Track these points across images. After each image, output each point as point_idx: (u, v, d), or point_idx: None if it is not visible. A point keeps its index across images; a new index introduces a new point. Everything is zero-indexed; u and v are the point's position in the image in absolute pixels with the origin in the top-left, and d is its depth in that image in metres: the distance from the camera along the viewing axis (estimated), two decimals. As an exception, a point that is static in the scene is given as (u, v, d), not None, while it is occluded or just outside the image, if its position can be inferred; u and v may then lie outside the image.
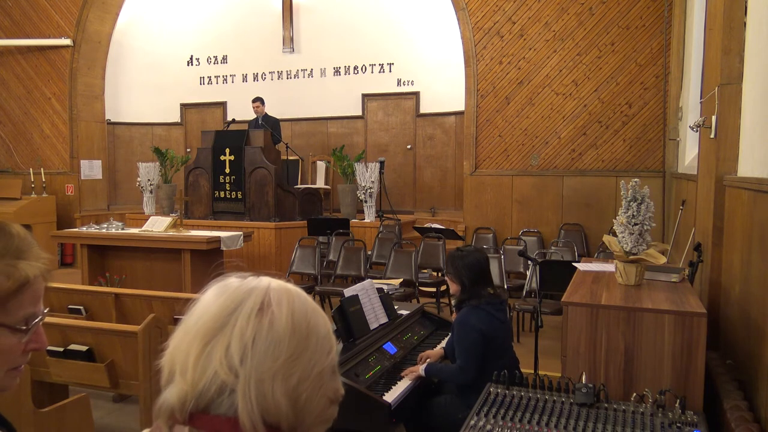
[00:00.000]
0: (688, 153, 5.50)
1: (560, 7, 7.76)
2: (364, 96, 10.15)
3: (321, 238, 7.46)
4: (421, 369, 3.19)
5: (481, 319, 3.07)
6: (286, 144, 9.24)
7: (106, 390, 3.65)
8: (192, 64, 11.11)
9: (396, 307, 3.85)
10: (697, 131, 3.62)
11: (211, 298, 0.84)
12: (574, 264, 3.43)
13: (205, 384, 0.79)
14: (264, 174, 8.15)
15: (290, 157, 9.37)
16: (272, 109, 9.50)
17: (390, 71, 9.99)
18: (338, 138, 10.21)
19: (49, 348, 3.55)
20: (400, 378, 3.18)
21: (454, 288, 3.26)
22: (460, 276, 3.18)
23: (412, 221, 8.88)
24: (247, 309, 0.81)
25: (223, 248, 6.55)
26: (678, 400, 2.10)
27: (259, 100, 9.23)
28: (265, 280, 0.86)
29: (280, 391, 0.79)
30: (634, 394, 2.19)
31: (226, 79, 11.00)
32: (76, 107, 10.21)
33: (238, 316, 0.81)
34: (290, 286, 0.88)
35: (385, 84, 10.01)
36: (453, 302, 3.37)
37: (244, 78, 10.86)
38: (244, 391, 0.78)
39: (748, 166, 2.60)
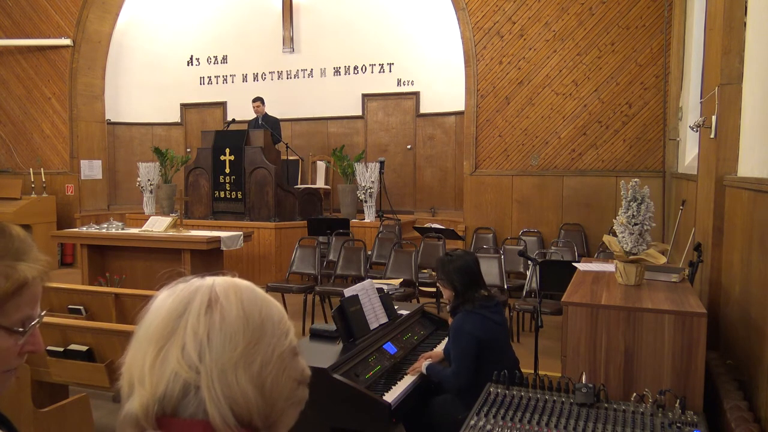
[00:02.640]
0: (688, 153, 5.50)
1: (560, 7, 7.76)
2: (364, 96, 10.15)
3: (321, 238, 7.46)
4: (423, 366, 3.20)
5: (475, 324, 3.05)
6: (286, 144, 9.24)
7: (106, 390, 3.65)
8: (192, 64, 11.11)
9: (396, 307, 3.85)
10: (697, 131, 3.62)
11: (159, 304, 0.85)
12: (574, 264, 3.43)
13: (166, 386, 0.78)
14: (264, 174, 8.15)
15: (290, 157, 9.37)
16: (272, 109, 9.51)
17: (390, 71, 9.99)
18: (338, 138, 10.21)
19: (49, 348, 3.55)
20: (400, 378, 3.18)
21: (447, 294, 3.23)
22: (452, 281, 3.15)
23: (412, 221, 8.88)
24: (196, 308, 0.82)
25: (223, 248, 6.55)
26: (678, 400, 2.10)
27: (259, 100, 9.23)
28: (209, 279, 0.87)
29: (245, 379, 0.79)
30: (634, 394, 2.19)
31: (226, 79, 11.00)
32: (76, 107, 10.21)
33: (188, 316, 0.81)
34: (237, 279, 0.88)
35: (385, 84, 10.01)
36: (448, 308, 3.32)
37: (244, 78, 10.86)
38: (208, 385, 0.77)
39: (748, 166, 2.60)
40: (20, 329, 1.00)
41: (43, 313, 1.05)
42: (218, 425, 0.77)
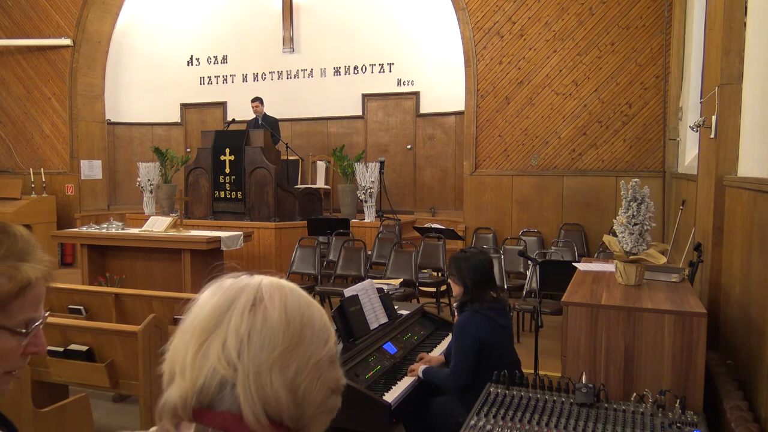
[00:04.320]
0: (688, 153, 5.50)
1: (560, 7, 7.76)
2: (364, 96, 10.15)
3: (321, 238, 7.46)
4: (419, 370, 3.20)
5: (480, 326, 3.05)
6: (286, 144, 9.24)
7: (106, 390, 3.65)
8: (192, 64, 11.11)
9: (396, 307, 3.85)
10: (697, 131, 3.62)
11: (206, 298, 0.86)
12: (574, 264, 3.43)
13: (204, 380, 0.80)
14: (264, 174, 8.15)
15: (290, 157, 9.37)
16: (272, 109, 9.50)
17: (390, 71, 9.99)
18: (338, 138, 10.21)
19: (49, 348, 3.55)
20: (401, 378, 3.19)
21: (456, 290, 3.22)
22: (464, 278, 3.14)
23: (412, 221, 8.87)
24: (241, 305, 0.83)
25: (223, 248, 6.55)
26: (678, 400, 2.10)
27: (258, 100, 9.22)
28: (258, 278, 0.88)
29: (279, 383, 0.80)
30: (634, 394, 2.19)
31: (226, 79, 11.00)
32: (76, 107, 10.21)
33: (232, 314, 0.83)
34: (283, 281, 0.89)
35: (385, 84, 10.01)
36: (455, 304, 3.33)
37: (244, 78, 10.86)
38: (243, 384, 0.79)
39: (748, 166, 2.60)
40: (23, 330, 1.00)
41: (46, 315, 1.05)
42: (251, 423, 0.79)
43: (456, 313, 3.30)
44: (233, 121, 9.40)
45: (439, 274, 6.76)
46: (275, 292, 0.85)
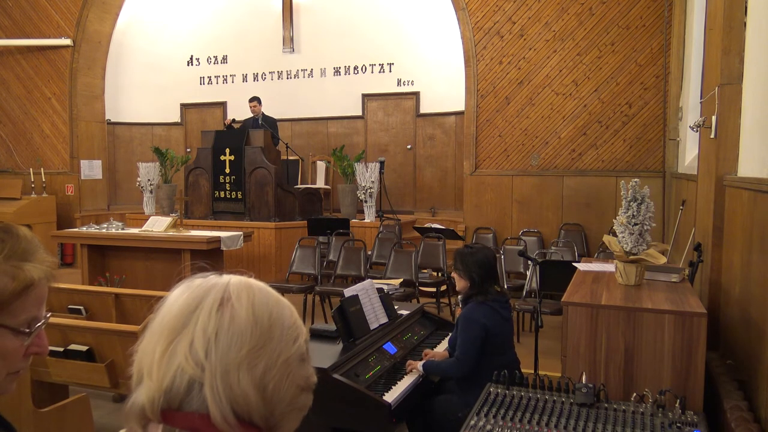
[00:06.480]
0: (688, 153, 5.50)
1: (560, 7, 7.76)
2: (364, 96, 10.15)
3: (321, 238, 7.46)
4: (419, 365, 3.22)
5: (486, 314, 3.13)
6: (286, 144, 9.24)
7: (106, 390, 3.65)
8: (192, 64, 11.11)
9: (396, 307, 3.85)
10: (697, 131, 3.62)
11: (175, 298, 0.86)
12: (574, 264, 3.43)
13: (172, 380, 0.80)
14: (264, 174, 8.15)
15: (290, 157, 9.37)
16: (272, 109, 9.50)
17: (390, 71, 9.98)
18: (338, 138, 10.21)
19: (49, 348, 3.55)
20: (400, 378, 3.19)
21: (461, 284, 3.29)
22: (470, 272, 3.22)
23: (412, 221, 8.87)
24: (208, 305, 0.83)
25: (223, 248, 6.55)
26: (678, 400, 2.10)
27: (256, 100, 9.20)
28: (226, 277, 0.88)
29: (246, 381, 0.80)
30: (634, 394, 2.19)
31: (226, 79, 11.00)
32: (76, 107, 10.21)
33: (199, 313, 0.82)
34: (252, 281, 0.89)
35: (385, 84, 10.01)
36: (459, 297, 3.41)
37: (244, 78, 10.86)
38: (211, 383, 0.79)
39: (748, 166, 2.60)
40: (26, 330, 1.00)
41: (48, 315, 1.06)
42: (218, 422, 0.78)
43: (460, 306, 3.37)
44: (234, 120, 9.38)
45: (439, 274, 6.75)
46: (243, 290, 0.85)
